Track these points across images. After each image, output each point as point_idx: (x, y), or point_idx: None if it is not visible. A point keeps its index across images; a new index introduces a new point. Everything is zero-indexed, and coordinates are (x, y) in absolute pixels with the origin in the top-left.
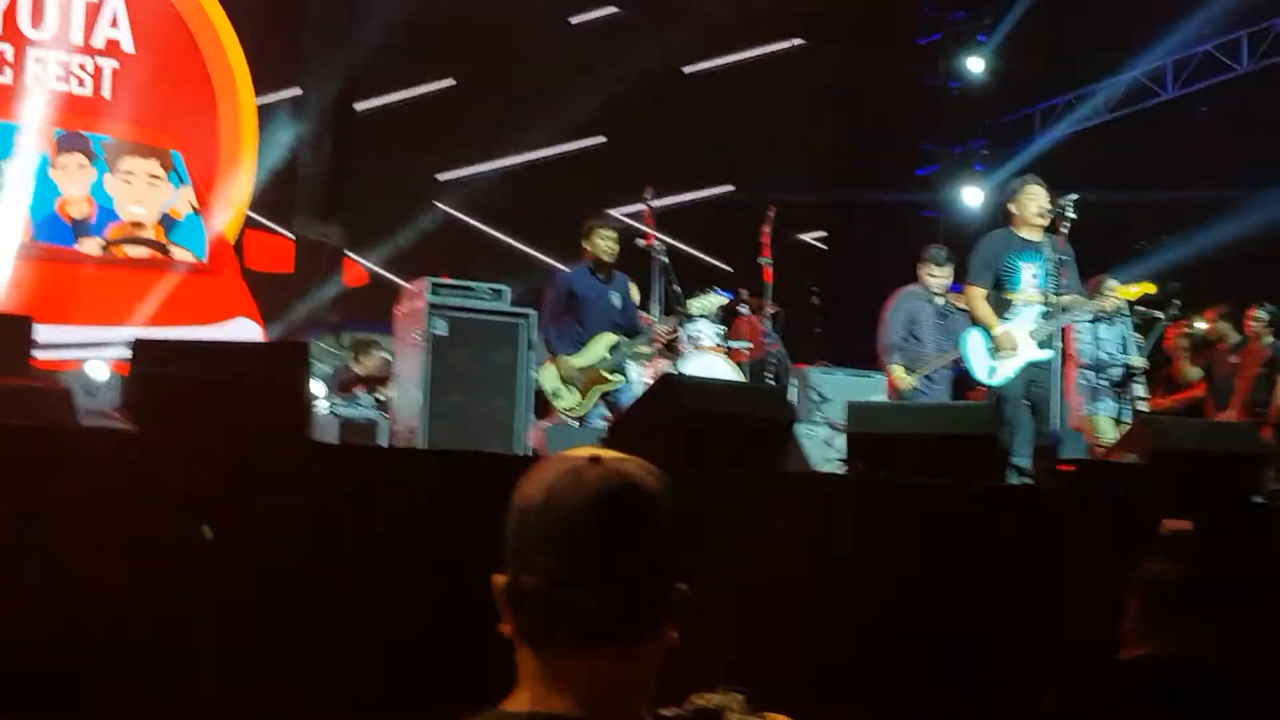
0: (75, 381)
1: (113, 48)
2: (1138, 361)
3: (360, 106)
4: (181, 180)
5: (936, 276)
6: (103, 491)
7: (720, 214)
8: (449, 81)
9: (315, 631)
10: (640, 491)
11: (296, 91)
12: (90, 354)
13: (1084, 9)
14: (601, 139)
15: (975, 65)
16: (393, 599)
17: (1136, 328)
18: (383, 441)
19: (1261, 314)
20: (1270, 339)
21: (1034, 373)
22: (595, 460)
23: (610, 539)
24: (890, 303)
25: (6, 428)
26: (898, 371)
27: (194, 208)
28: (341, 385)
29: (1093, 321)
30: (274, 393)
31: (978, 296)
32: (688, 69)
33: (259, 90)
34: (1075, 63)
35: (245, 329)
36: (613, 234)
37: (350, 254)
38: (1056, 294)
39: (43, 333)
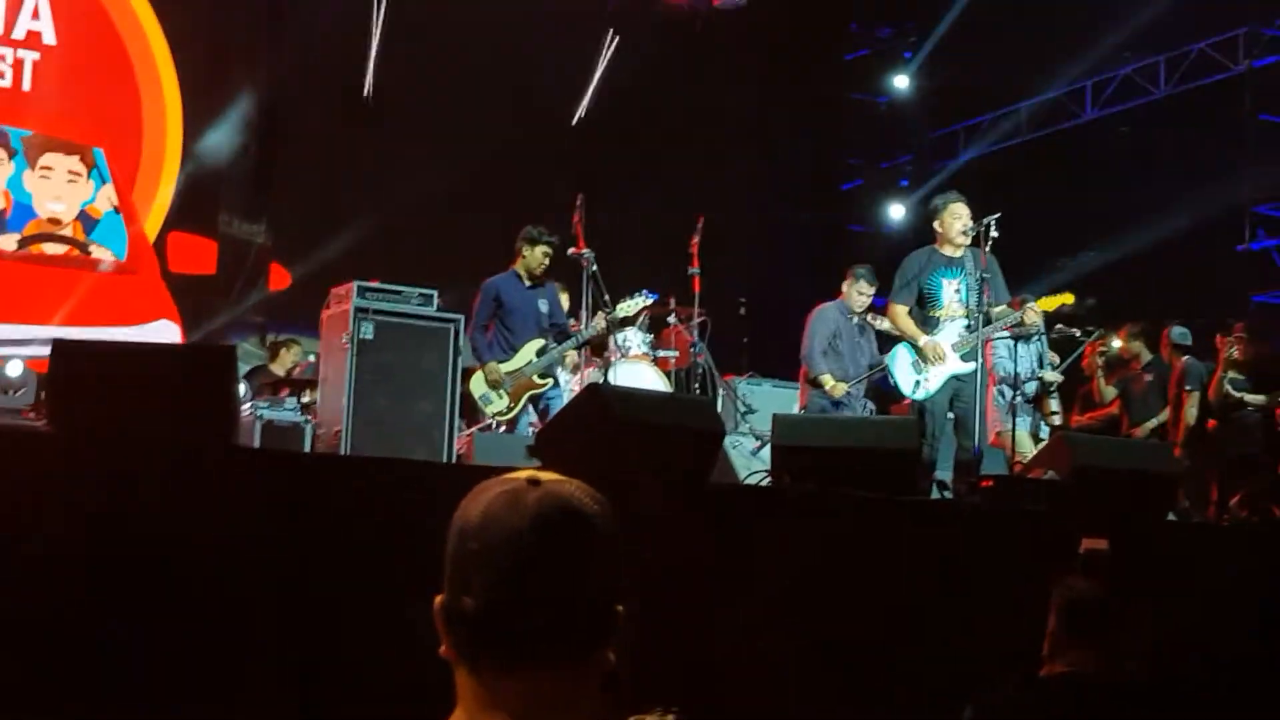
0: None
1: (33, 39)
2: (1052, 377)
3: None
4: (103, 178)
5: (864, 295)
6: (13, 493)
7: (649, 224)
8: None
9: (238, 641)
10: (578, 514)
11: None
12: (5, 351)
13: (1008, 29)
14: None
15: (901, 82)
16: (319, 610)
17: (1054, 345)
18: (307, 446)
19: (1131, 338)
20: (1149, 356)
21: (957, 386)
22: (534, 482)
23: (548, 561)
24: (812, 315)
25: None
26: (828, 380)
27: (114, 206)
28: (264, 388)
29: (1011, 339)
30: (199, 397)
31: (901, 313)
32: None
33: (185, 87)
34: (998, 81)
35: (165, 331)
36: (549, 250)
37: (276, 257)
38: (979, 309)
39: None
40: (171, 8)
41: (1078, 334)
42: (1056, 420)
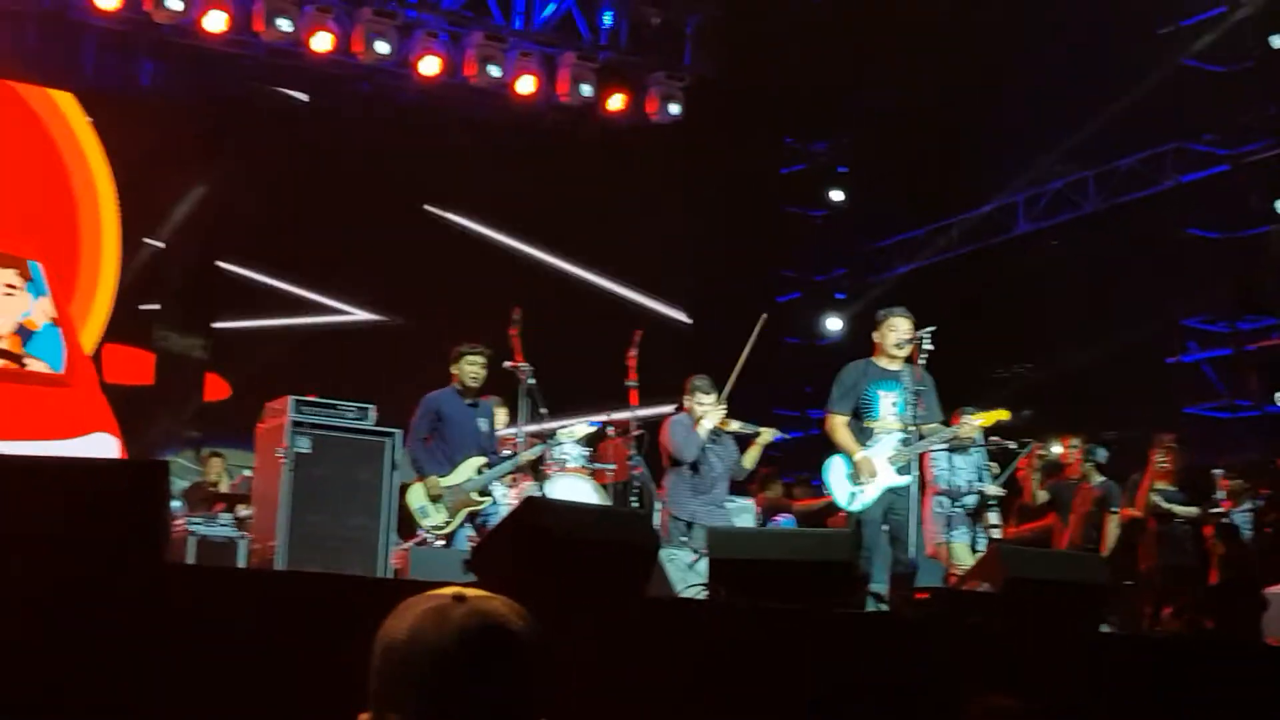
0: None
1: None
2: (993, 490)
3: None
4: (40, 291)
5: (703, 405)
6: None
7: (586, 336)
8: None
9: None
10: (505, 630)
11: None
12: None
13: (942, 145)
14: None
15: (836, 195)
16: None
17: (992, 457)
18: (241, 561)
19: (1088, 453)
20: (1099, 478)
21: (892, 499)
22: (460, 599)
23: (474, 678)
24: (667, 422)
25: None
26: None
27: (52, 319)
28: (199, 502)
29: (949, 450)
30: (131, 513)
31: (839, 425)
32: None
33: (122, 200)
34: (933, 195)
35: (103, 444)
36: (479, 359)
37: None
38: (914, 422)
39: None
40: (109, 122)
41: (1013, 446)
42: (996, 533)
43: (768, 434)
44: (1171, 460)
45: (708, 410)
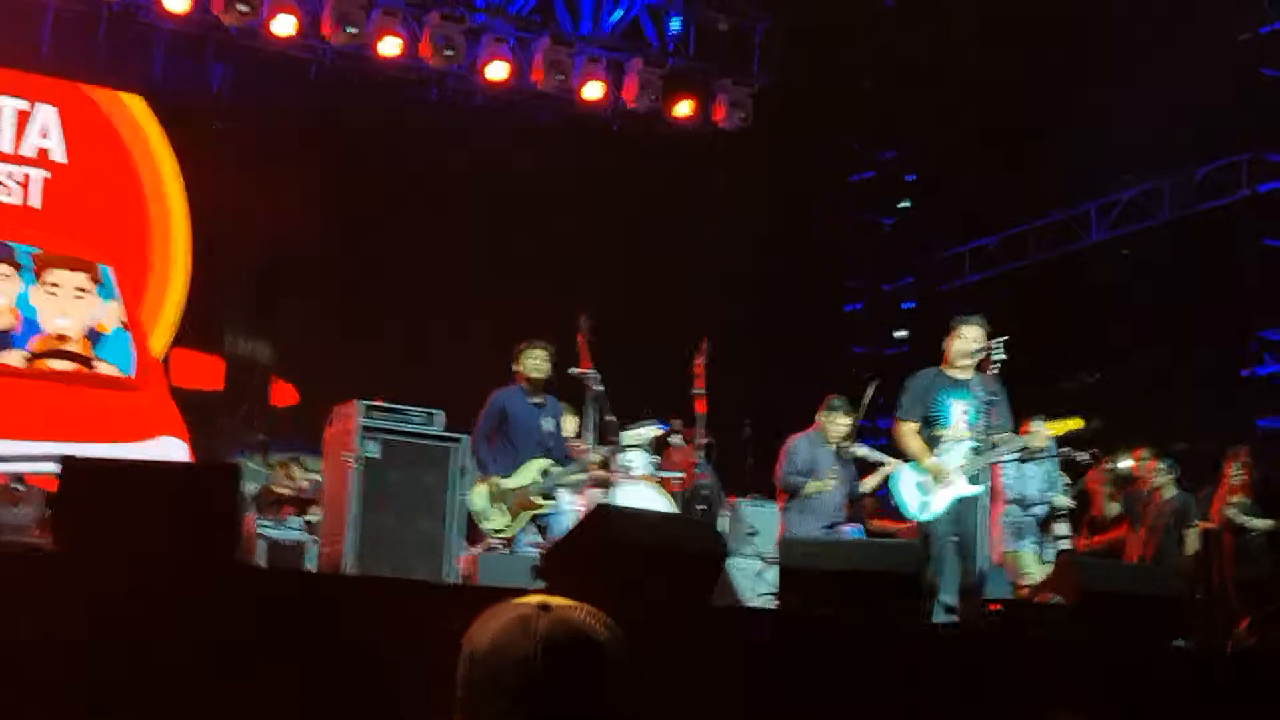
0: None
1: (43, 157)
2: (1062, 501)
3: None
4: (110, 294)
5: (839, 425)
6: (20, 612)
7: (654, 344)
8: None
9: None
10: (588, 640)
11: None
12: (10, 468)
13: (1012, 153)
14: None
15: (905, 204)
16: None
17: (1062, 468)
18: (311, 564)
19: (1160, 465)
20: (1174, 491)
21: (962, 509)
22: (545, 608)
23: (558, 686)
24: (785, 448)
25: None
26: (812, 484)
27: (122, 323)
28: (268, 505)
29: (1020, 460)
30: (204, 517)
31: (909, 432)
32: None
33: (192, 206)
34: (1002, 204)
35: (171, 447)
36: (541, 353)
37: (280, 375)
38: (987, 431)
39: None
40: (181, 128)
41: (1083, 457)
42: (1065, 544)
43: (893, 465)
44: (1246, 473)
45: (842, 430)
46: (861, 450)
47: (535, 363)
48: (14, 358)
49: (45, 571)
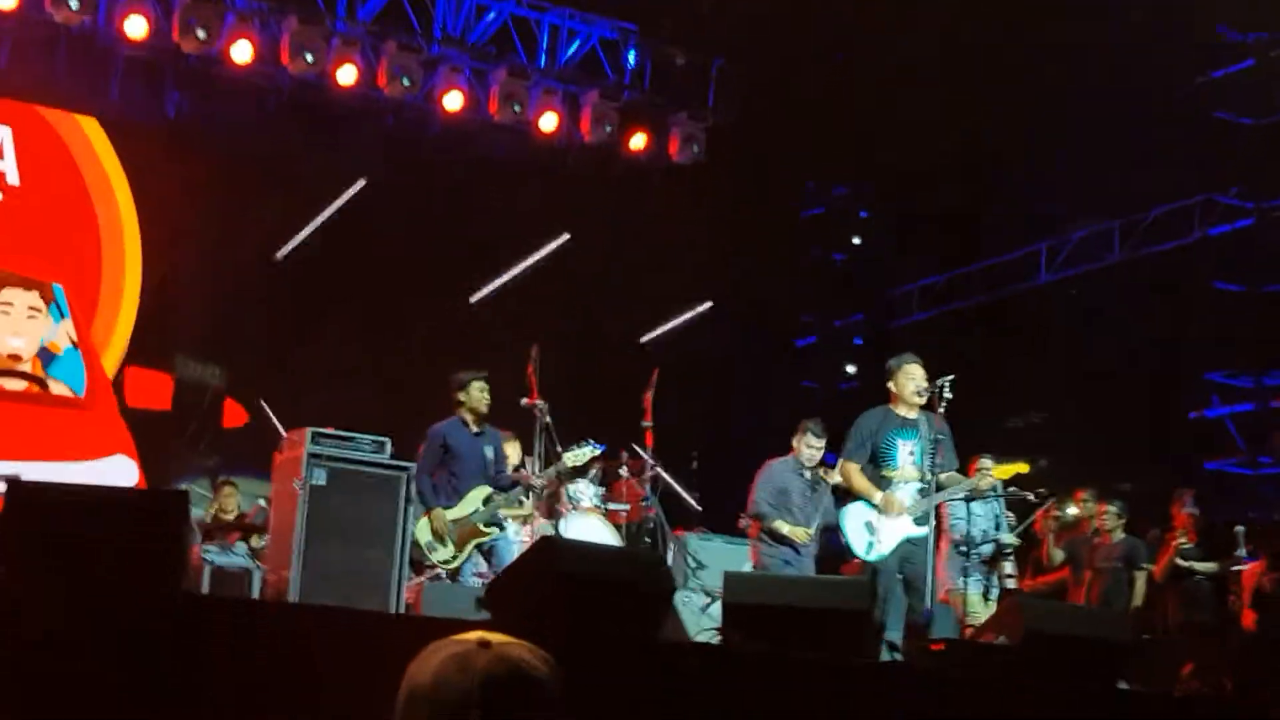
0: None
1: None
2: (1008, 539)
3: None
4: (62, 314)
5: (814, 448)
6: None
7: (602, 375)
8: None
9: None
10: (527, 677)
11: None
12: None
13: (964, 191)
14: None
15: (856, 240)
16: None
17: (1009, 506)
18: (255, 592)
19: (1111, 508)
20: (1123, 534)
21: (909, 549)
22: (484, 644)
23: None
24: (760, 471)
25: None
26: (784, 526)
27: (73, 342)
28: (215, 531)
29: (967, 499)
30: (151, 544)
31: (854, 471)
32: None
33: (144, 226)
34: (953, 242)
35: (122, 466)
36: (485, 385)
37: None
38: (932, 472)
39: None
40: (133, 150)
41: (1030, 497)
42: (1010, 583)
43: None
44: (1191, 518)
45: (816, 455)
46: (837, 477)
47: (482, 395)
48: None
49: None
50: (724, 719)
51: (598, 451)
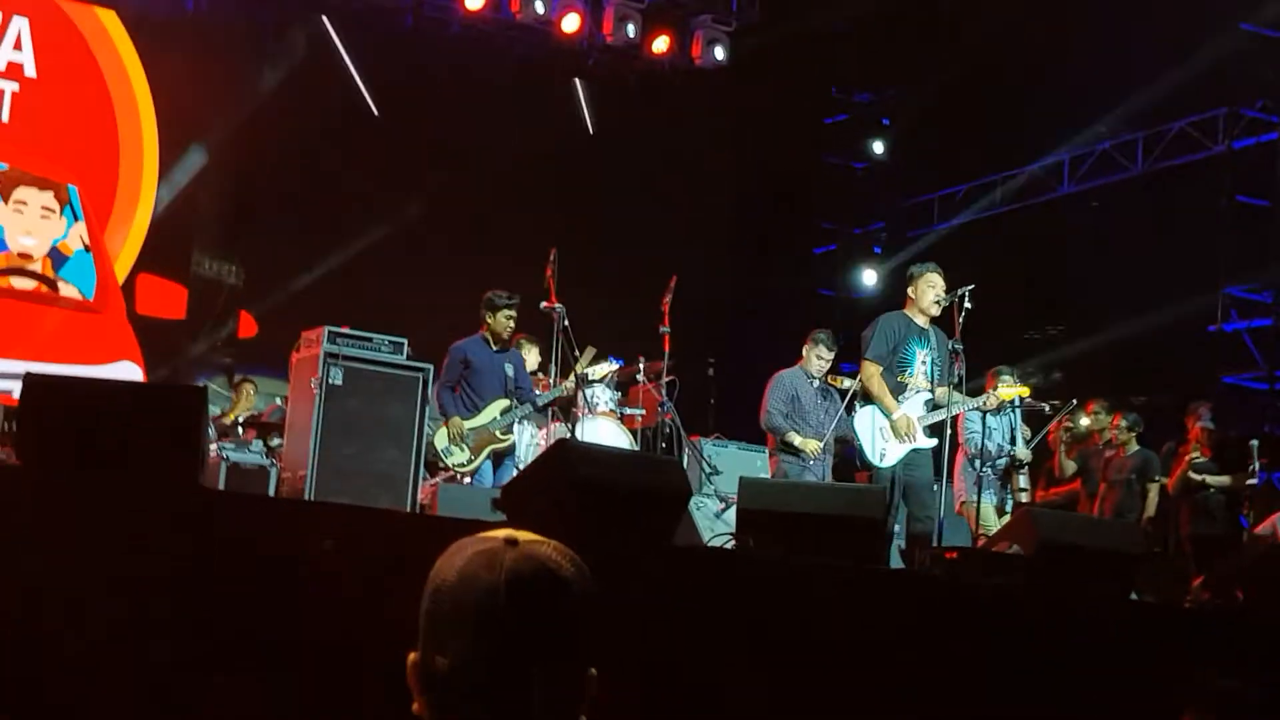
0: None
1: (14, 71)
2: (1022, 453)
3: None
4: (75, 215)
5: (823, 359)
6: None
7: (622, 279)
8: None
9: (194, 689)
10: (554, 576)
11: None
12: None
13: (988, 100)
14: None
15: (878, 148)
16: (277, 658)
17: (1025, 419)
18: (271, 489)
19: (1123, 422)
20: (1136, 446)
21: (913, 457)
22: (511, 542)
23: (523, 622)
24: (770, 382)
25: None
26: (796, 438)
27: (85, 245)
28: (231, 428)
29: (982, 411)
30: (168, 436)
31: (875, 373)
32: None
33: (162, 128)
34: (976, 152)
35: (128, 372)
36: (511, 313)
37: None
38: (945, 384)
39: None
40: (154, 47)
41: (1046, 409)
42: (1024, 496)
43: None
44: (1206, 432)
45: (825, 365)
46: (848, 383)
47: (508, 323)
48: None
49: (4, 484)
50: (737, 624)
51: (616, 367)
